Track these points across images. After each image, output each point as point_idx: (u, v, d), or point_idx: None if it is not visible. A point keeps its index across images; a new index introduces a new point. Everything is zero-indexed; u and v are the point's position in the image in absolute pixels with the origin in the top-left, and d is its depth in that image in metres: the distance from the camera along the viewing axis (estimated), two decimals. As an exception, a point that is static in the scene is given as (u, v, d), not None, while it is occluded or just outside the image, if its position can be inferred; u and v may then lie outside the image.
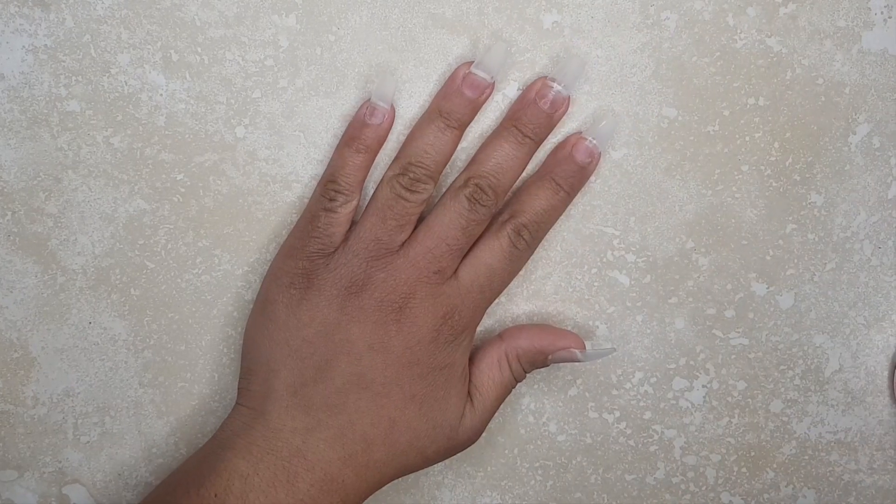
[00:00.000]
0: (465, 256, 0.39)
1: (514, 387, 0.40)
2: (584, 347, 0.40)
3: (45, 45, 0.38)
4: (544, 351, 0.40)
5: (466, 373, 0.39)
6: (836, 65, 0.40)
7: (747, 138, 0.41)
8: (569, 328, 0.42)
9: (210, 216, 0.40)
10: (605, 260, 0.42)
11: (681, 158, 0.41)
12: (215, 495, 0.34)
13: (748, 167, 0.41)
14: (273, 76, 0.39)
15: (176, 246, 0.40)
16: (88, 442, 0.42)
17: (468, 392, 0.39)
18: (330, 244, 0.38)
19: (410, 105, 0.39)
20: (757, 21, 0.40)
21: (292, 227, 0.40)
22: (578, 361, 0.40)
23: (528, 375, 0.43)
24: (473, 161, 0.39)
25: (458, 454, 0.41)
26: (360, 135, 0.38)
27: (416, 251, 0.38)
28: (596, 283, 0.42)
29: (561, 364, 0.43)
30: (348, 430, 0.36)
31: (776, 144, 0.41)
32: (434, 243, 0.38)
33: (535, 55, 0.39)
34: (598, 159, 0.40)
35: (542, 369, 0.43)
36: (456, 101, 0.38)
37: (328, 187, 0.38)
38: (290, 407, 0.37)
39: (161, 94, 0.39)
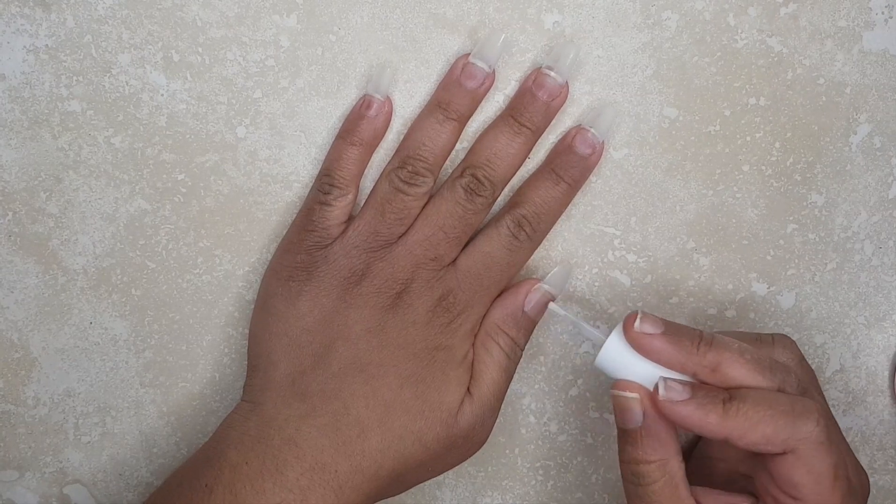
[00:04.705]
0: (465, 246, 0.39)
1: (510, 367, 0.39)
2: (539, 280, 0.40)
3: (46, 46, 0.38)
4: (517, 307, 0.39)
5: (469, 362, 0.39)
6: (837, 65, 0.40)
7: (748, 138, 0.41)
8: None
9: (211, 216, 0.40)
10: (605, 260, 0.42)
11: (682, 158, 0.41)
12: (206, 485, 0.34)
13: (749, 167, 0.41)
14: (274, 76, 0.39)
15: (177, 246, 0.40)
16: (89, 442, 0.42)
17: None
18: (326, 237, 0.38)
19: (411, 104, 0.40)
20: (758, 21, 0.40)
21: (293, 226, 0.40)
22: (552, 297, 0.40)
23: (528, 375, 0.43)
24: (470, 152, 0.39)
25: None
26: (355, 128, 0.39)
27: (413, 239, 0.38)
28: (597, 283, 0.42)
29: (561, 364, 0.43)
30: (342, 415, 0.36)
31: (777, 144, 0.41)
32: (431, 231, 0.38)
33: (537, 56, 0.39)
34: (601, 151, 0.40)
35: (543, 369, 0.43)
36: (455, 92, 0.38)
37: (323, 181, 0.39)
38: (286, 396, 0.37)
39: (162, 95, 0.39)
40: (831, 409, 0.44)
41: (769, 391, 0.33)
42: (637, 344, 0.34)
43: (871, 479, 0.45)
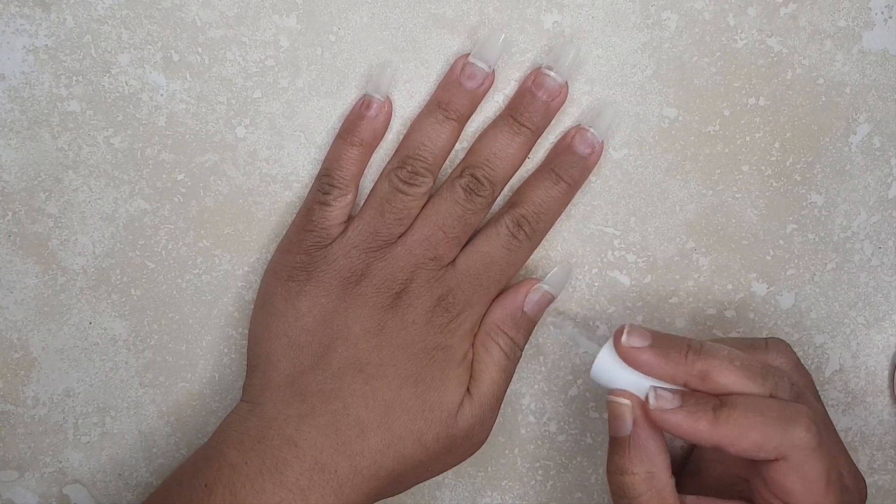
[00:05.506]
0: (464, 246, 0.39)
1: (510, 367, 0.39)
2: (539, 280, 0.40)
3: (46, 46, 0.38)
4: (517, 307, 0.39)
5: (468, 362, 0.39)
6: (837, 65, 0.40)
7: (748, 138, 0.41)
8: (569, 328, 0.42)
9: (210, 216, 0.40)
10: (605, 260, 0.42)
11: (681, 158, 0.41)
12: (205, 485, 0.35)
13: (749, 167, 0.41)
14: (274, 76, 0.39)
15: (176, 246, 0.40)
16: (89, 442, 0.42)
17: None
18: (326, 237, 0.38)
19: (410, 105, 0.39)
20: (757, 21, 0.40)
21: (293, 226, 0.40)
22: (552, 297, 0.40)
23: (528, 375, 0.43)
24: (470, 151, 0.39)
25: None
26: (355, 128, 0.39)
27: (413, 239, 0.38)
28: (596, 283, 0.42)
29: (561, 364, 0.43)
30: (342, 415, 0.36)
31: (777, 144, 0.41)
32: (431, 231, 0.38)
33: (537, 56, 0.39)
34: (600, 151, 0.40)
35: (543, 369, 0.43)
36: (454, 92, 0.38)
37: (323, 181, 0.39)
38: (286, 396, 0.37)
39: (161, 95, 0.39)
40: (831, 409, 0.44)
41: (760, 397, 0.33)
42: (626, 357, 0.34)
43: (871, 480, 0.45)
